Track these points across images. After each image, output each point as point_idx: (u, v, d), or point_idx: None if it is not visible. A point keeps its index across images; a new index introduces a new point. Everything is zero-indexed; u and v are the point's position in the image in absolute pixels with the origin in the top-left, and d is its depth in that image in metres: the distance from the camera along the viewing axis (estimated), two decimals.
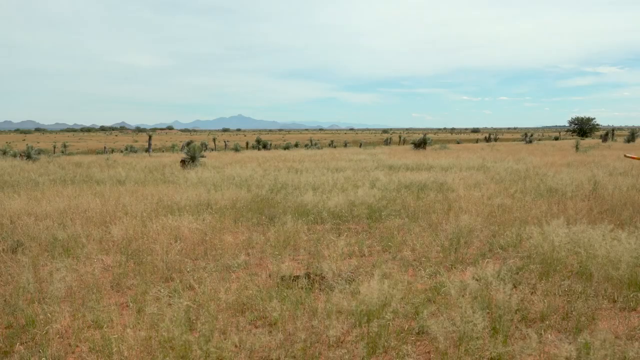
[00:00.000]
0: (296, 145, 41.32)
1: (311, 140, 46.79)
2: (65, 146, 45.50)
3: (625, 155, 9.40)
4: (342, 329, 3.45)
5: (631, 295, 4.12)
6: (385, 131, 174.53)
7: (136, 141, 66.79)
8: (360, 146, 40.64)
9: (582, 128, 66.70)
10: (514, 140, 54.12)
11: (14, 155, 22.74)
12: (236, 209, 7.88)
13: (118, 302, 4.20)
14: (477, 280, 4.34)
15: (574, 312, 3.79)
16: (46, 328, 3.51)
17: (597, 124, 69.71)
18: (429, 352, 3.32)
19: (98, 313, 3.81)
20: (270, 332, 3.55)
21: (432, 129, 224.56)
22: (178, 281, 4.52)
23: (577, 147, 25.35)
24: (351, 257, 5.50)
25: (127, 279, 4.69)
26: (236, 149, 33.73)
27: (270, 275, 4.77)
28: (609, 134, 41.23)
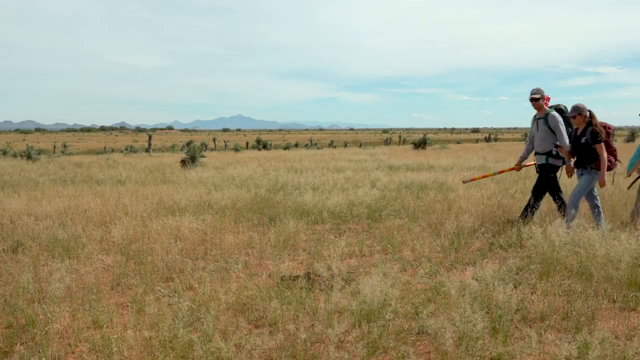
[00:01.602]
0: (296, 146, 41.35)
1: (311, 140, 46.83)
2: (65, 146, 45.51)
3: (464, 182, 8.02)
4: (343, 329, 3.46)
5: (631, 295, 4.12)
6: (385, 131, 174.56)
7: (136, 141, 66.81)
8: (360, 146, 40.67)
9: None
10: (514, 140, 54.18)
11: (14, 155, 22.76)
12: (236, 209, 7.88)
13: (118, 302, 4.20)
14: (477, 280, 4.34)
15: (573, 312, 3.80)
16: (46, 328, 3.51)
17: None
18: (429, 352, 3.33)
19: (98, 313, 3.81)
20: (271, 332, 3.55)
21: (432, 129, 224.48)
22: (178, 281, 4.52)
23: None
24: (351, 257, 5.50)
25: (127, 279, 4.69)
26: (236, 149, 33.75)
27: (270, 276, 4.77)
28: None
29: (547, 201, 8.13)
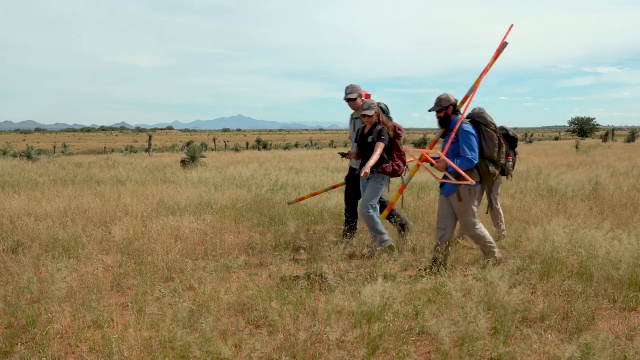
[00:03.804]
0: (296, 145, 41.37)
1: (311, 140, 46.86)
2: (65, 146, 45.51)
3: (289, 203, 7.45)
4: (343, 329, 3.46)
5: (631, 295, 4.12)
6: None
7: (136, 141, 66.76)
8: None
9: (582, 128, 66.72)
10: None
11: (14, 155, 22.75)
12: (237, 208, 7.88)
13: (118, 302, 4.20)
14: (477, 280, 4.34)
15: (573, 312, 3.80)
16: (46, 328, 3.51)
17: (597, 124, 69.77)
18: (429, 352, 3.32)
19: (98, 313, 3.81)
20: (271, 332, 3.55)
21: (432, 129, 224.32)
22: (178, 281, 4.52)
23: (577, 147, 25.37)
24: (351, 257, 5.50)
25: (128, 279, 4.69)
26: (236, 149, 33.76)
27: (270, 276, 4.77)
28: (608, 134, 41.28)
29: (546, 201, 8.12)
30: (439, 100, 5.08)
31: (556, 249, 4.96)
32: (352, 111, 6.27)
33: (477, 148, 4.88)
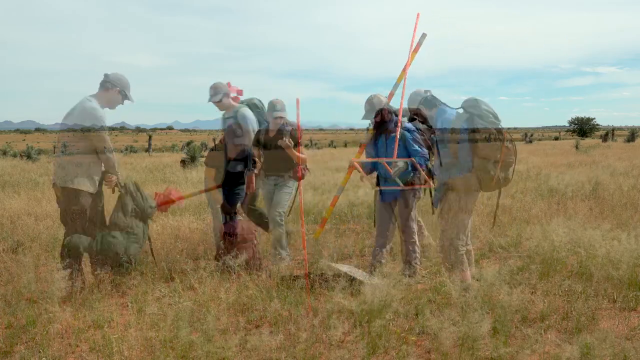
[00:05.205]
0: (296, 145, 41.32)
1: (311, 140, 46.82)
2: (65, 146, 45.45)
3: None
4: (343, 329, 3.46)
5: (631, 295, 4.12)
6: None
7: (136, 141, 66.72)
8: (360, 146, 40.63)
9: (582, 128, 66.72)
10: (514, 140, 54.15)
11: (14, 155, 22.77)
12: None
13: (119, 302, 4.20)
14: (477, 280, 4.34)
15: (573, 312, 3.80)
16: (46, 328, 3.51)
17: (597, 124, 69.78)
18: (429, 352, 3.33)
19: (99, 313, 3.81)
20: (271, 332, 3.55)
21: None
22: (179, 281, 4.52)
23: (577, 147, 25.38)
24: (351, 257, 5.50)
25: (128, 279, 4.69)
26: None
27: (270, 276, 4.77)
28: (608, 134, 41.28)
29: (546, 201, 8.12)
30: (373, 105, 4.86)
31: (556, 248, 4.96)
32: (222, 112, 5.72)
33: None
